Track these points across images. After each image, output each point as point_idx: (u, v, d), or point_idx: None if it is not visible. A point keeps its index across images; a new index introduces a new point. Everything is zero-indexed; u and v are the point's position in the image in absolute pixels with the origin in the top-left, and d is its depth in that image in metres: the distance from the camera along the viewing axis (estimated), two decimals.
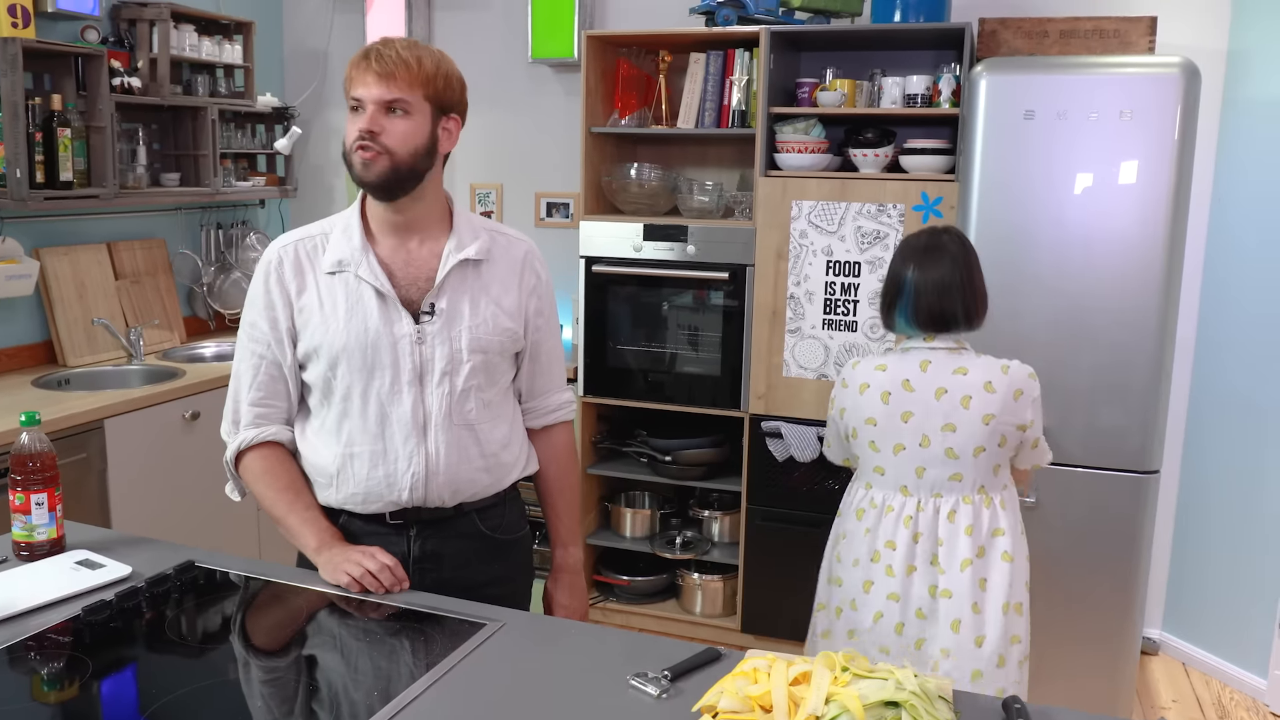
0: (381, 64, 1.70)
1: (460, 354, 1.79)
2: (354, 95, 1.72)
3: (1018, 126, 3.02)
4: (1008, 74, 3.04)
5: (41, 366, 3.56)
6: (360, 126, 1.71)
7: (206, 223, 4.28)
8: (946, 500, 2.15)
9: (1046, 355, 3.05)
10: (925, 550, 2.15)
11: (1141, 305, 2.97)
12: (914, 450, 2.16)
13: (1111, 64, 2.98)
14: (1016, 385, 2.15)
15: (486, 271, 1.85)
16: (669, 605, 3.97)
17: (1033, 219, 3.03)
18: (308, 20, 4.60)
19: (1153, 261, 2.94)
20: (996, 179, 3.06)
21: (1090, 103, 2.94)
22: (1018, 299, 3.06)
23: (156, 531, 3.12)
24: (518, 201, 4.36)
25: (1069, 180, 2.99)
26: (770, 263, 3.52)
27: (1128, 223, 2.95)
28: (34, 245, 3.53)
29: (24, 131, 3.18)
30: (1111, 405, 3.03)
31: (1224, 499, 3.55)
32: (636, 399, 3.82)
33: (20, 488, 1.78)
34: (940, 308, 2.16)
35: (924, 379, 2.16)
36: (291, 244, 1.83)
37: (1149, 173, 2.92)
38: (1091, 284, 3.00)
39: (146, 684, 1.46)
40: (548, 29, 4.07)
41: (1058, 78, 2.98)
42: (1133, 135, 2.92)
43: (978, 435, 2.13)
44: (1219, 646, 3.60)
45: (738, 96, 3.64)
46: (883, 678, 1.37)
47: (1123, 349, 3.00)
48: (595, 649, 1.57)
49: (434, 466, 1.80)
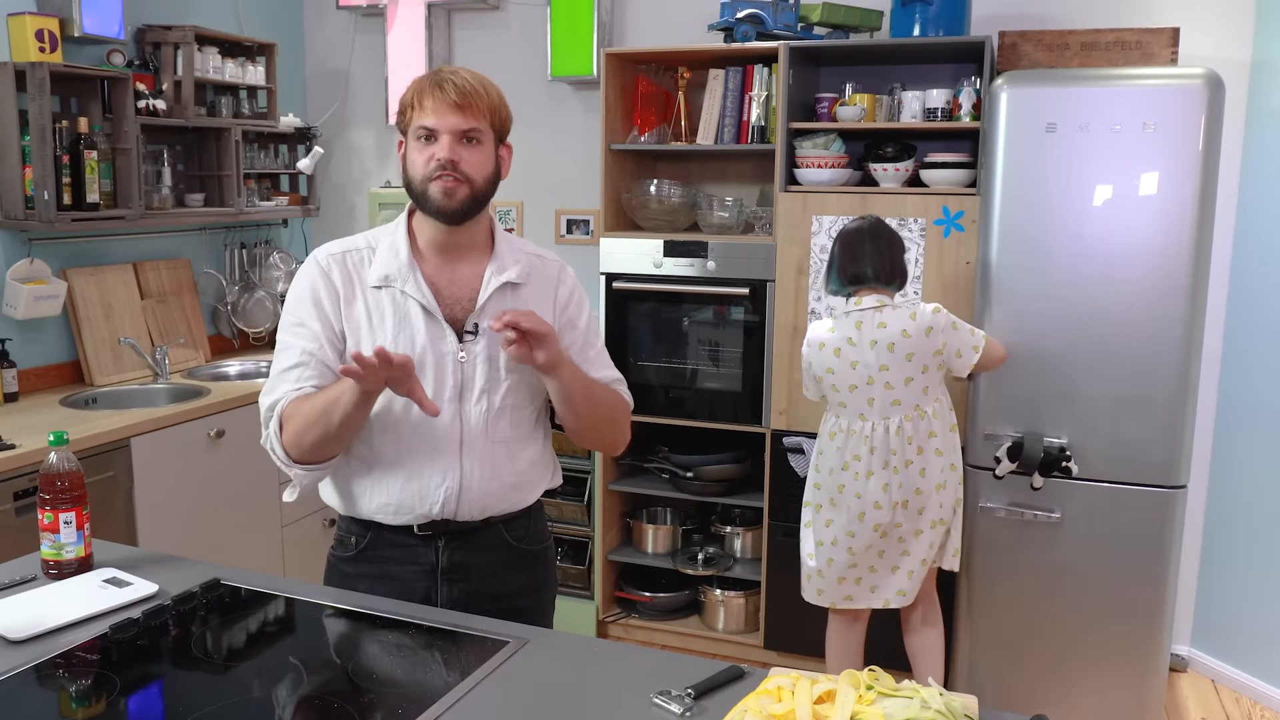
0: (459, 93, 1.71)
1: (499, 373, 1.81)
2: (425, 125, 1.72)
3: (1039, 139, 3.00)
4: (1029, 87, 3.03)
5: (69, 386, 3.60)
6: (440, 156, 1.72)
7: (230, 242, 4.32)
8: (893, 420, 2.85)
9: (1070, 368, 3.03)
10: (879, 458, 2.86)
11: (1167, 317, 2.94)
12: (863, 388, 2.86)
13: (1134, 76, 2.97)
14: (925, 324, 2.81)
15: (525, 293, 1.87)
16: (691, 622, 3.96)
17: (1055, 232, 3.02)
18: (329, 41, 4.65)
19: (1177, 273, 2.92)
20: (1018, 192, 3.05)
21: (1113, 115, 2.92)
22: (1040, 311, 3.04)
23: (183, 549, 3.14)
24: (538, 219, 4.38)
25: (1091, 193, 2.97)
26: (791, 278, 3.51)
27: (1151, 234, 2.93)
28: (61, 266, 3.57)
29: (51, 154, 3.22)
30: (1137, 419, 3.00)
31: (1253, 512, 3.51)
32: (658, 415, 3.82)
33: (49, 507, 1.80)
34: (854, 270, 2.87)
35: (859, 335, 2.84)
36: (340, 253, 1.84)
37: (1173, 184, 2.89)
38: (1115, 296, 2.98)
39: (173, 701, 1.47)
40: (567, 47, 4.09)
41: (1079, 90, 2.97)
42: (1156, 147, 2.89)
43: (904, 369, 2.82)
44: (1249, 663, 3.55)
45: (757, 112, 3.64)
46: (908, 696, 1.36)
47: (1148, 361, 2.97)
48: (618, 667, 1.56)
49: (467, 482, 1.81)
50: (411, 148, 1.76)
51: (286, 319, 1.83)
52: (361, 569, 1.88)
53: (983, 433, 3.15)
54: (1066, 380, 3.05)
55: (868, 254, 2.87)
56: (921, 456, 2.86)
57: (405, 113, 1.77)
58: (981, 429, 3.16)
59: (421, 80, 1.75)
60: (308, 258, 1.85)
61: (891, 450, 2.86)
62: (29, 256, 3.42)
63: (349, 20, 4.57)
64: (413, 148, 1.76)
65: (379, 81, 4.51)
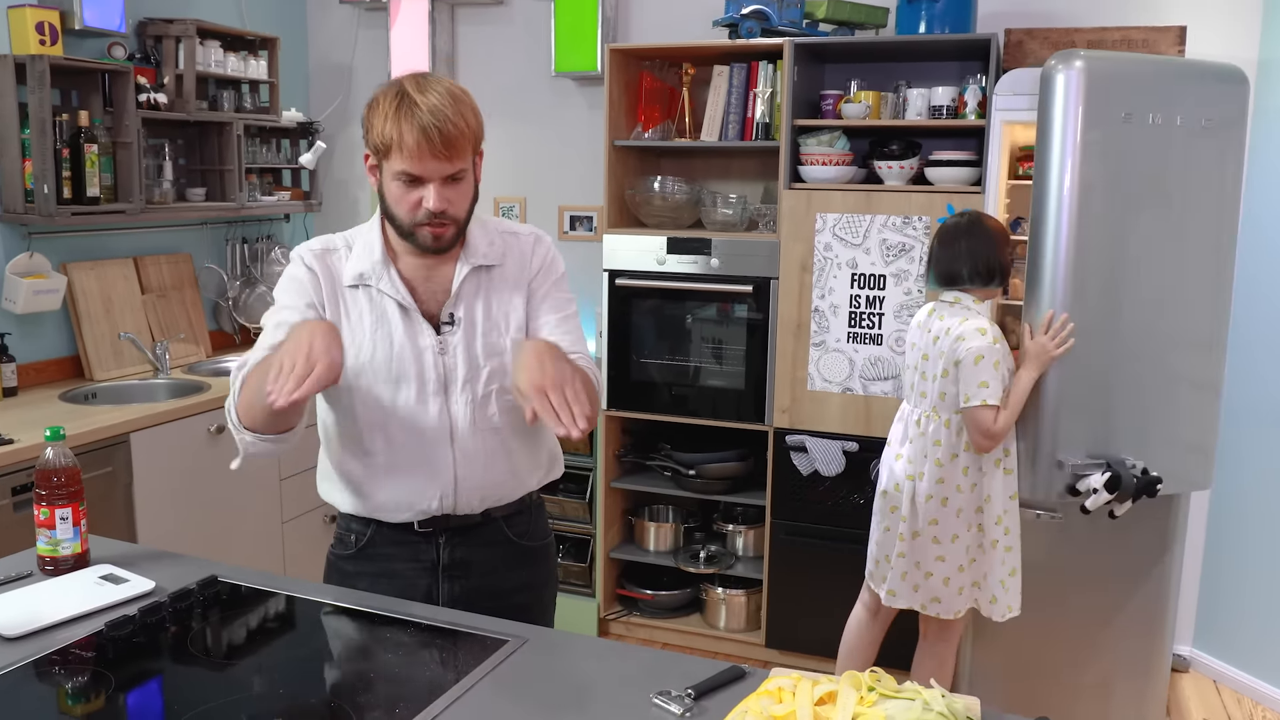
0: (445, 142, 1.63)
1: (478, 360, 1.80)
2: (409, 171, 1.65)
3: None
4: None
5: (69, 380, 3.59)
6: (431, 206, 1.67)
7: (232, 237, 4.31)
8: (918, 409, 2.84)
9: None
10: (905, 442, 2.87)
11: (1191, 317, 2.87)
12: (910, 371, 2.89)
13: None
14: (956, 337, 2.71)
15: (498, 275, 1.84)
16: (693, 620, 3.94)
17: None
18: (332, 35, 4.63)
19: (1202, 274, 2.85)
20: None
21: None
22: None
23: (182, 545, 3.13)
24: (541, 215, 4.37)
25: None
26: (795, 275, 3.50)
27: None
28: (61, 260, 3.56)
29: (51, 147, 3.21)
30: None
31: (1257, 511, 3.49)
32: (660, 412, 3.81)
33: (45, 503, 1.79)
34: (947, 269, 2.81)
35: (926, 322, 2.84)
36: (320, 250, 1.82)
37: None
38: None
39: (169, 699, 1.46)
40: (571, 42, 4.07)
41: None
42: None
43: (937, 366, 2.77)
44: (1252, 664, 3.53)
45: (761, 109, 3.63)
46: (909, 698, 1.35)
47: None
48: (618, 666, 1.55)
49: (462, 474, 1.80)
50: (392, 184, 1.69)
51: (272, 310, 1.80)
52: (362, 567, 1.87)
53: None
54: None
55: (962, 252, 2.77)
56: (925, 460, 2.80)
57: (381, 146, 1.66)
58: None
59: (399, 115, 1.63)
60: (291, 254, 1.84)
61: (909, 438, 2.85)
62: (28, 250, 3.40)
63: (352, 14, 4.56)
64: (394, 184, 1.68)
65: (382, 76, 4.49)
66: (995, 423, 2.65)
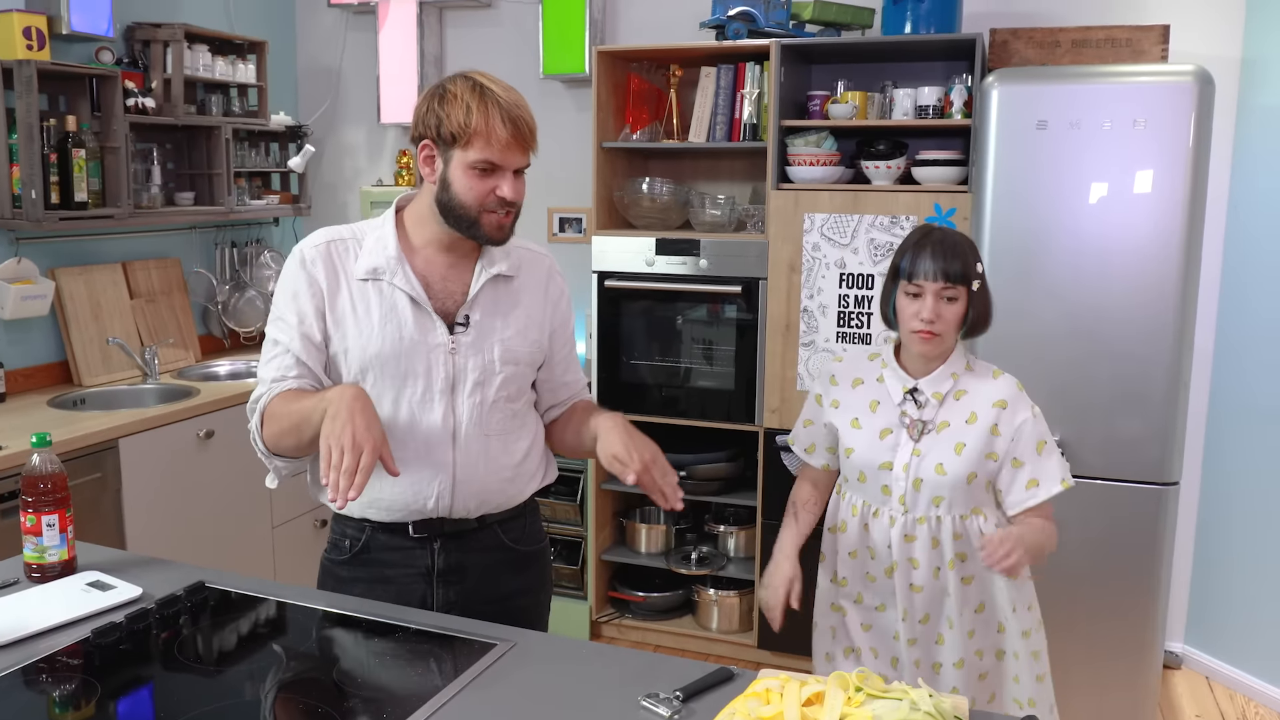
0: (531, 132, 1.72)
1: (494, 365, 1.81)
2: (491, 160, 1.70)
3: (1030, 137, 3.00)
4: (1020, 84, 3.02)
5: (57, 386, 3.58)
6: (507, 195, 1.72)
7: (221, 241, 4.30)
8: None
9: (1061, 366, 3.02)
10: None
11: (1159, 314, 2.94)
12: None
13: (1124, 73, 2.96)
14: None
15: (517, 286, 1.87)
16: (685, 621, 3.95)
17: (1046, 229, 3.01)
18: (320, 39, 4.63)
19: (1169, 270, 2.91)
20: (1009, 189, 3.04)
21: (1103, 112, 2.92)
22: (1032, 310, 3.04)
23: (171, 551, 3.12)
24: (530, 216, 4.37)
25: (1083, 190, 2.97)
26: (783, 276, 3.51)
27: (1143, 232, 2.92)
28: (49, 265, 3.55)
29: (39, 152, 3.20)
30: (1129, 416, 2.99)
31: (1246, 509, 3.51)
32: (650, 414, 3.81)
33: (31, 509, 1.78)
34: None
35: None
36: (324, 243, 1.82)
37: (1164, 181, 2.89)
38: (1106, 294, 2.97)
39: (156, 706, 1.46)
40: (559, 45, 4.08)
41: (1070, 87, 2.96)
42: (1147, 144, 2.89)
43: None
44: (1243, 660, 3.55)
45: (749, 110, 3.63)
46: (896, 698, 1.35)
47: (1140, 359, 2.96)
48: (607, 669, 1.55)
49: (461, 476, 1.80)
50: (465, 174, 1.71)
51: (272, 310, 1.84)
52: (356, 572, 1.87)
53: None
54: (1058, 378, 3.04)
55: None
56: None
57: (459, 135, 1.69)
58: None
59: (486, 105, 1.68)
60: (294, 249, 1.84)
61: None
62: (16, 256, 3.39)
63: (340, 18, 4.55)
64: (467, 174, 1.71)
65: (370, 79, 4.49)
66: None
